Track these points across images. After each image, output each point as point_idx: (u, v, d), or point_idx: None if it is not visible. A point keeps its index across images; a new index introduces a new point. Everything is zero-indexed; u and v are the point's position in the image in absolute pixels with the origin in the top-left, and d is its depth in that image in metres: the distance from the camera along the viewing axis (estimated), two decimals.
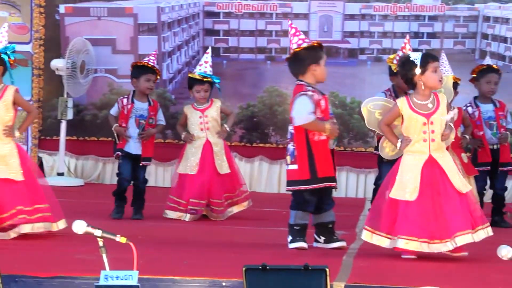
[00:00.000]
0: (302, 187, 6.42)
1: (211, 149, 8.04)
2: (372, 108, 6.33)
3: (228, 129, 8.21)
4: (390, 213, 6.12)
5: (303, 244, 6.43)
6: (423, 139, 6.14)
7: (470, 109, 8.04)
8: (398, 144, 6.17)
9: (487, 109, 8.05)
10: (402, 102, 6.21)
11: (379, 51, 10.45)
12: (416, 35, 10.33)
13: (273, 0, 10.53)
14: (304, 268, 3.97)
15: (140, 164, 8.04)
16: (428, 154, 6.13)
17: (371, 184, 10.26)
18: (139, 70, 8.07)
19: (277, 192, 10.35)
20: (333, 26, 10.39)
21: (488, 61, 8.31)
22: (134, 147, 8.02)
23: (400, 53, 7.51)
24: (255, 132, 10.53)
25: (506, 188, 8.16)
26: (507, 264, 4.04)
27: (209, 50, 8.23)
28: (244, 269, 4.03)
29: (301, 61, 6.50)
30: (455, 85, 7.58)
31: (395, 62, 7.54)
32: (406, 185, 6.09)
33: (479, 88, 8.09)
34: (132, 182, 8.09)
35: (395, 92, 7.72)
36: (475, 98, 8.14)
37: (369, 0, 10.44)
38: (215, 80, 8.06)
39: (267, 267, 4.01)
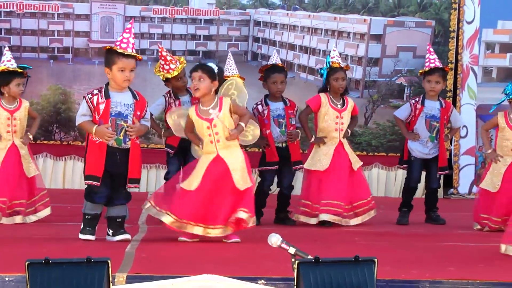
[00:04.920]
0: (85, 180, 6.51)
1: (17, 152, 7.48)
2: (176, 117, 6.64)
3: (31, 136, 7.66)
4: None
5: (89, 237, 6.50)
6: (210, 140, 6.50)
7: (260, 108, 7.74)
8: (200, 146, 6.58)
9: (277, 107, 7.75)
10: (191, 110, 6.53)
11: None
12: (193, 37, 10.40)
13: (55, 1, 10.28)
14: (87, 261, 3.89)
15: None
16: (216, 153, 6.49)
17: (153, 178, 10.26)
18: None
19: (61, 188, 10.14)
20: (114, 27, 10.24)
21: (273, 59, 7.93)
22: None
23: (162, 62, 7.55)
24: (39, 129, 10.20)
25: (292, 187, 7.92)
26: (275, 250, 4.10)
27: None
28: (26, 263, 3.89)
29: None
30: None
31: (163, 71, 7.52)
32: (193, 178, 6.48)
33: (267, 88, 7.79)
34: None
35: (175, 94, 7.71)
36: (266, 96, 7.83)
37: (148, 3, 10.40)
38: (29, 75, 7.64)
39: (50, 261, 3.89)
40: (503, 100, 7.55)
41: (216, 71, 6.49)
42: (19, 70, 7.50)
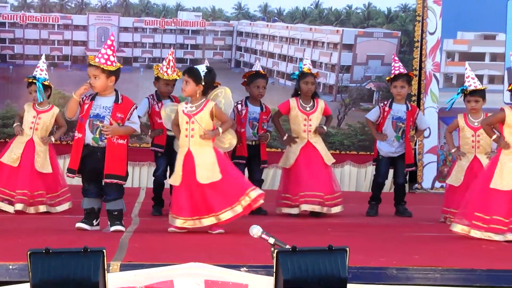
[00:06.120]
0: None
1: (33, 147, 7.66)
2: (169, 112, 6.63)
3: (53, 139, 7.82)
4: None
5: (83, 226, 6.50)
6: (185, 134, 6.47)
7: (239, 107, 7.83)
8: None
9: (254, 110, 7.88)
10: (180, 105, 6.55)
11: (150, 60, 10.41)
12: (181, 46, 10.39)
13: (55, 13, 10.24)
14: (84, 251, 3.88)
15: None
16: (187, 148, 6.45)
17: (145, 175, 10.23)
18: None
19: None
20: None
21: (257, 67, 8.11)
22: None
23: (165, 63, 7.56)
24: None
25: (262, 181, 8.05)
26: (256, 241, 4.10)
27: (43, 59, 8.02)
28: (28, 253, 3.86)
29: None
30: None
31: (160, 70, 7.58)
32: (175, 173, 6.46)
33: (250, 92, 7.90)
34: None
35: (158, 96, 7.71)
36: (246, 98, 7.93)
37: (141, 15, 10.38)
38: (40, 86, 7.72)
39: (50, 251, 3.87)
40: (455, 98, 7.57)
41: (202, 74, 6.44)
42: (29, 80, 7.80)
